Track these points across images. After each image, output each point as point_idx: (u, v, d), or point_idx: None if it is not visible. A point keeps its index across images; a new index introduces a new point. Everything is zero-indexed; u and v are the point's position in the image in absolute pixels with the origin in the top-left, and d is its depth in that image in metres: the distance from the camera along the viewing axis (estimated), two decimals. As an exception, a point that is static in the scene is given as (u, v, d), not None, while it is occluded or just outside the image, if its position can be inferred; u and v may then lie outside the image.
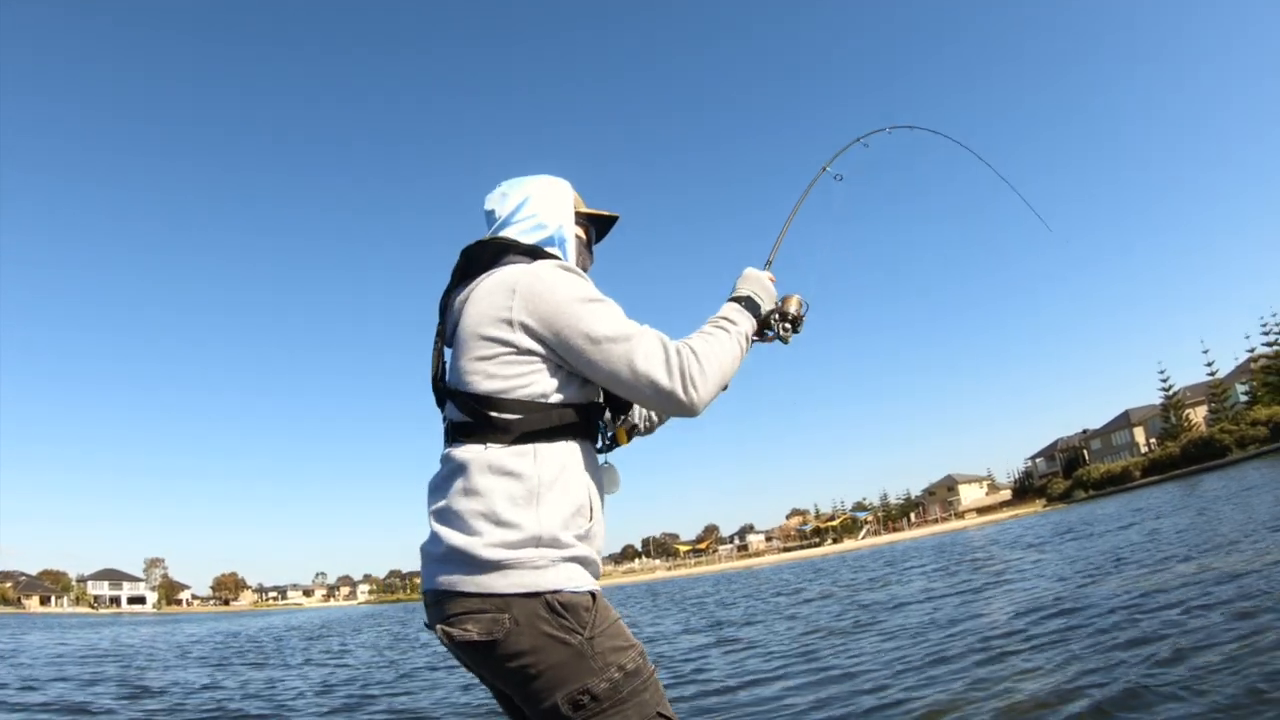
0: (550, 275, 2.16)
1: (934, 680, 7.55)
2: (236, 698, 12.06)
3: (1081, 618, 9.47)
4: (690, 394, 2.08)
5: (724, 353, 2.18)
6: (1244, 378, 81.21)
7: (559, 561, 2.01)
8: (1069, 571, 15.34)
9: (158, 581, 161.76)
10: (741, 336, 2.29)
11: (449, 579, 2.03)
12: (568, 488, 2.09)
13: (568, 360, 2.14)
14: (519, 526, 1.99)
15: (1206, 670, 6.15)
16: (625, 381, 2.10)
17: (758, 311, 2.41)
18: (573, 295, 2.13)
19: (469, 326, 2.18)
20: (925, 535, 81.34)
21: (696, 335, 2.22)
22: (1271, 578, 9.29)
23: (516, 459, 2.06)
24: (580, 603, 2.01)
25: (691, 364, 2.09)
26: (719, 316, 2.34)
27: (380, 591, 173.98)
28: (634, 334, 2.11)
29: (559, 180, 2.54)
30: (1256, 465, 46.64)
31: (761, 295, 2.45)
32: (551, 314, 2.10)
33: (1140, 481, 73.86)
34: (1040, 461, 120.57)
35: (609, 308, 2.16)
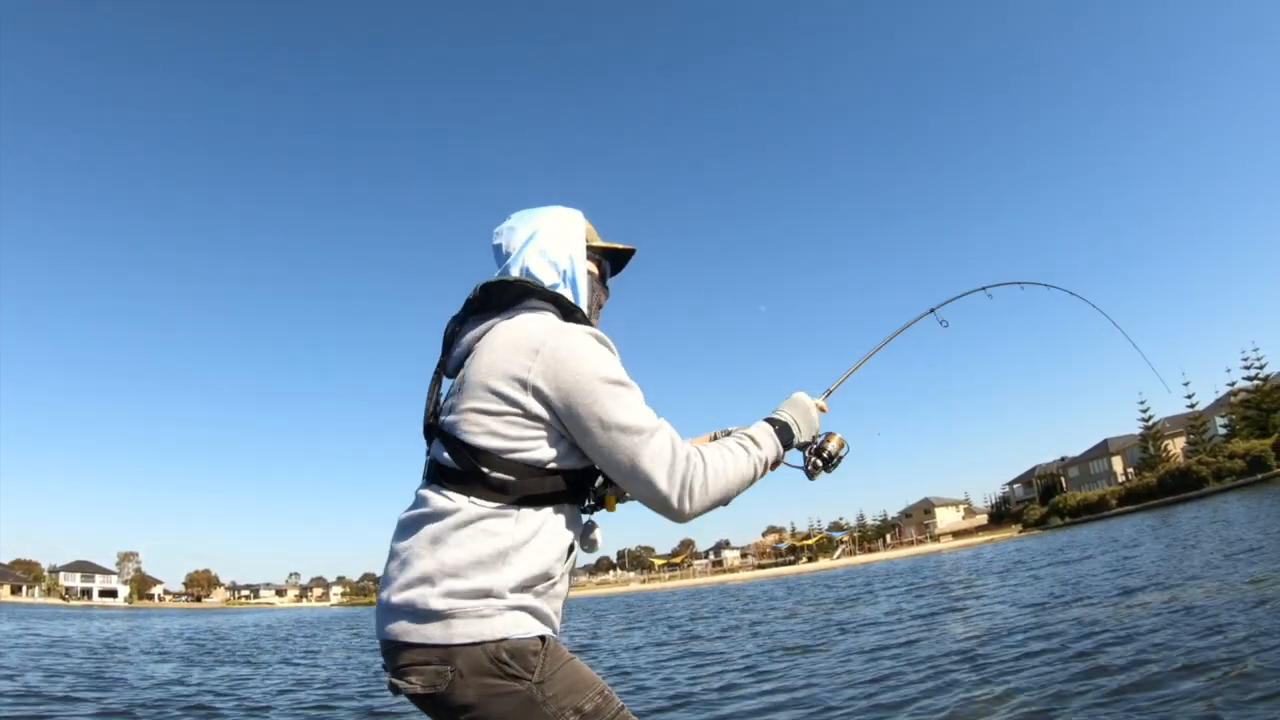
0: (578, 345, 2.07)
1: (877, 702, 7.86)
2: (208, 696, 12.17)
3: (1029, 645, 9.82)
4: (684, 505, 2.02)
5: (735, 473, 2.11)
6: (1223, 410, 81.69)
7: (505, 609, 1.95)
8: (1029, 599, 15.67)
9: (130, 575, 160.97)
10: (760, 462, 2.20)
11: (397, 628, 1.98)
12: (539, 553, 2.03)
13: (571, 434, 2.06)
14: (473, 580, 1.94)
15: (1132, 698, 6.52)
16: (623, 474, 2.04)
17: (789, 440, 2.34)
18: (597, 373, 2.04)
19: (479, 373, 2.08)
20: (900, 557, 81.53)
21: (715, 446, 2.15)
22: (1216, 613, 9.59)
23: (497, 520, 2.00)
24: (528, 647, 1.96)
25: (696, 475, 2.03)
26: (747, 434, 2.25)
27: (353, 594, 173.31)
28: (646, 429, 2.03)
29: (571, 212, 2.43)
30: (1233, 498, 46.93)
31: (801, 425, 2.37)
32: (570, 387, 2.02)
33: (1116, 510, 74.02)
34: (1017, 487, 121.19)
35: (630, 394, 2.07)
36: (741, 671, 11.13)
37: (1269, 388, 75.01)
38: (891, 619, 16.10)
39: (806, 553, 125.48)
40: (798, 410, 2.38)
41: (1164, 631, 9.03)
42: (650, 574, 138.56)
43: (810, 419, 2.40)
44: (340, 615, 70.40)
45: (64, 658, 18.54)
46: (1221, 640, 7.95)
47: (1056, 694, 7.05)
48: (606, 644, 18.75)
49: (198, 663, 18.03)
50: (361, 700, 11.08)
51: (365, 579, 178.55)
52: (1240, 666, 6.82)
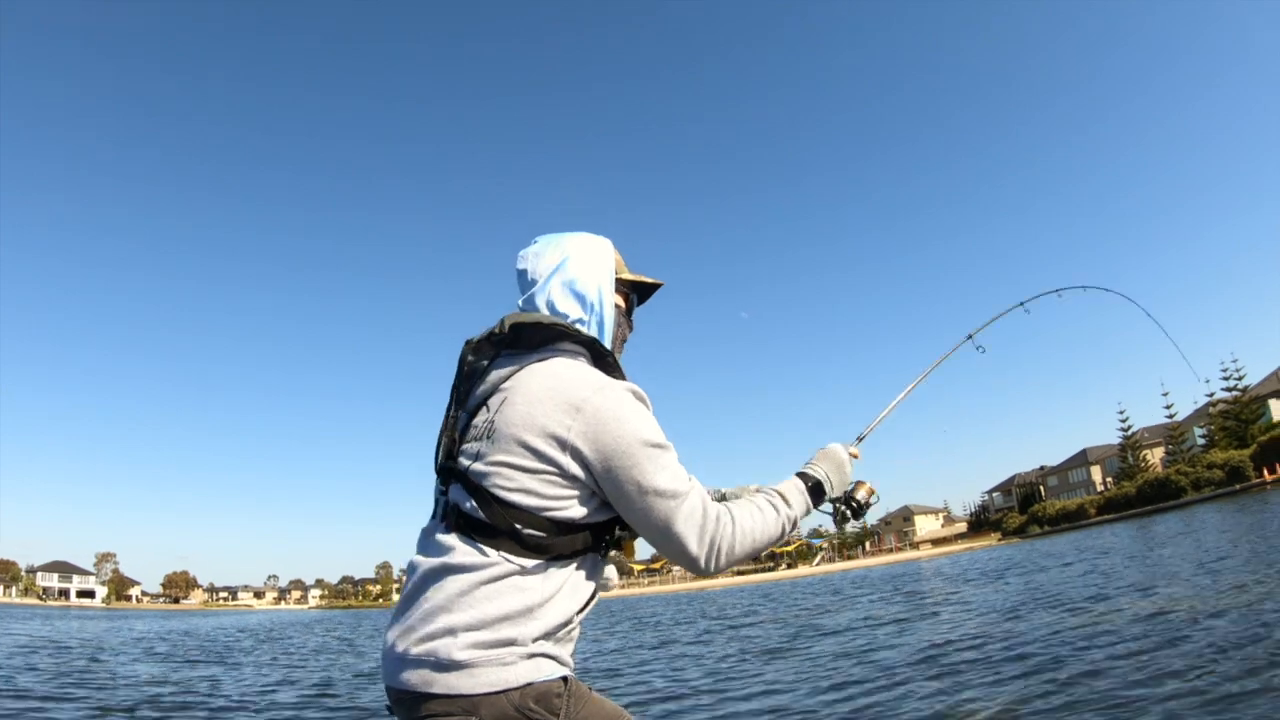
0: (620, 406, 1.99)
1: (830, 705, 8.22)
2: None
3: (987, 651, 10.13)
4: (710, 565, 2.00)
5: (762, 533, 2.07)
6: (1202, 421, 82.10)
7: (527, 656, 1.89)
8: (999, 606, 15.97)
9: (108, 576, 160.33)
10: (789, 520, 2.15)
11: (417, 677, 1.89)
12: (564, 604, 1.98)
13: (606, 494, 2.00)
14: (498, 632, 1.88)
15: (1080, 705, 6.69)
16: (656, 535, 2.01)
17: (821, 496, 2.29)
18: (638, 435, 1.97)
19: (512, 424, 1.99)
20: (879, 564, 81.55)
21: (746, 505, 2.10)
22: (1177, 623, 9.79)
23: (530, 577, 1.94)
24: (551, 690, 1.90)
25: (725, 536, 2.00)
26: (778, 491, 2.20)
27: (331, 597, 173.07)
28: (682, 493, 1.97)
29: (600, 241, 2.32)
30: (1211, 508, 47.10)
31: (834, 480, 2.32)
32: (611, 451, 1.95)
33: (1095, 519, 74.26)
34: (997, 496, 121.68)
35: (666, 456, 2.01)
36: (706, 678, 11.33)
37: (1247, 398, 75.73)
38: (851, 626, 16.39)
39: (786, 559, 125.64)
40: (831, 464, 2.33)
41: (1122, 642, 9.19)
42: (629, 579, 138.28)
43: (844, 473, 2.35)
44: (319, 618, 70.92)
45: (50, 658, 18.65)
46: (1176, 651, 8.16)
47: (1006, 700, 7.28)
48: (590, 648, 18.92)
49: (188, 664, 18.19)
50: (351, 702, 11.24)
51: (344, 582, 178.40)
52: (1194, 676, 7.03)
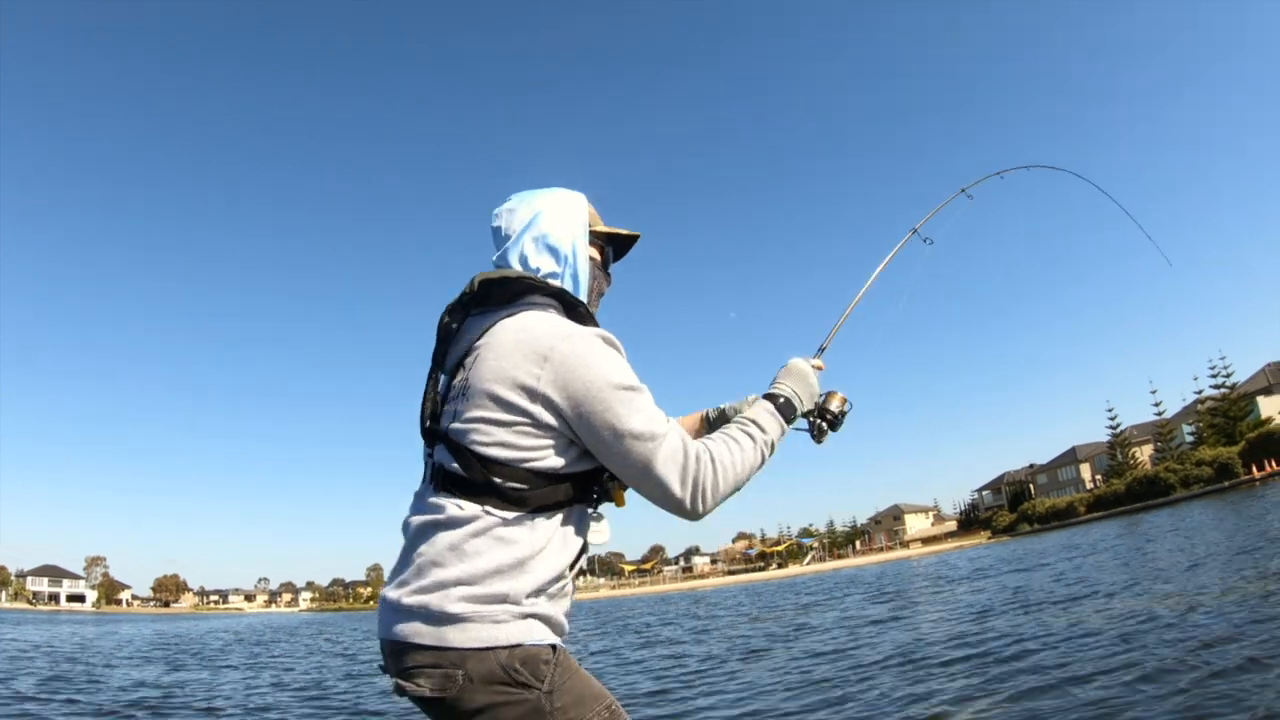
0: (588, 351, 1.98)
1: (803, 702, 8.42)
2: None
3: (960, 651, 10.26)
4: (698, 505, 1.97)
5: (744, 464, 2.04)
6: (1191, 419, 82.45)
7: (520, 617, 1.90)
8: (979, 605, 16.20)
9: (98, 580, 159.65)
10: (767, 445, 2.13)
11: (408, 629, 1.91)
12: (555, 557, 1.98)
13: (583, 441, 1.99)
14: (491, 587, 1.89)
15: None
16: (636, 479, 1.99)
17: (792, 414, 2.24)
18: (608, 379, 1.95)
19: (484, 379, 1.99)
20: (869, 563, 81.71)
21: (720, 439, 2.06)
22: (1159, 620, 9.84)
23: (514, 528, 1.94)
24: (539, 656, 1.91)
25: (707, 474, 1.97)
26: (749, 419, 2.15)
27: (322, 599, 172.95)
28: (659, 434, 1.95)
29: (574, 195, 2.32)
30: (1200, 505, 47.31)
31: (802, 394, 2.28)
32: (581, 395, 1.94)
33: (1084, 517, 74.64)
34: (986, 494, 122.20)
35: (641, 399, 1.98)
36: (682, 679, 11.48)
37: (1236, 396, 76.05)
38: (839, 625, 16.56)
39: (776, 559, 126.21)
40: (796, 379, 2.29)
41: (1096, 638, 9.34)
42: (620, 580, 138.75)
43: (810, 385, 2.31)
44: (310, 620, 70.89)
45: (65, 665, 18.71)
46: (1137, 646, 8.43)
47: (970, 697, 7.50)
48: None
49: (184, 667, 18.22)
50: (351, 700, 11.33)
51: (334, 584, 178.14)
52: (1159, 670, 7.20)
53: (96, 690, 13.62)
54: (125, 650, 25.10)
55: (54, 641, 29.68)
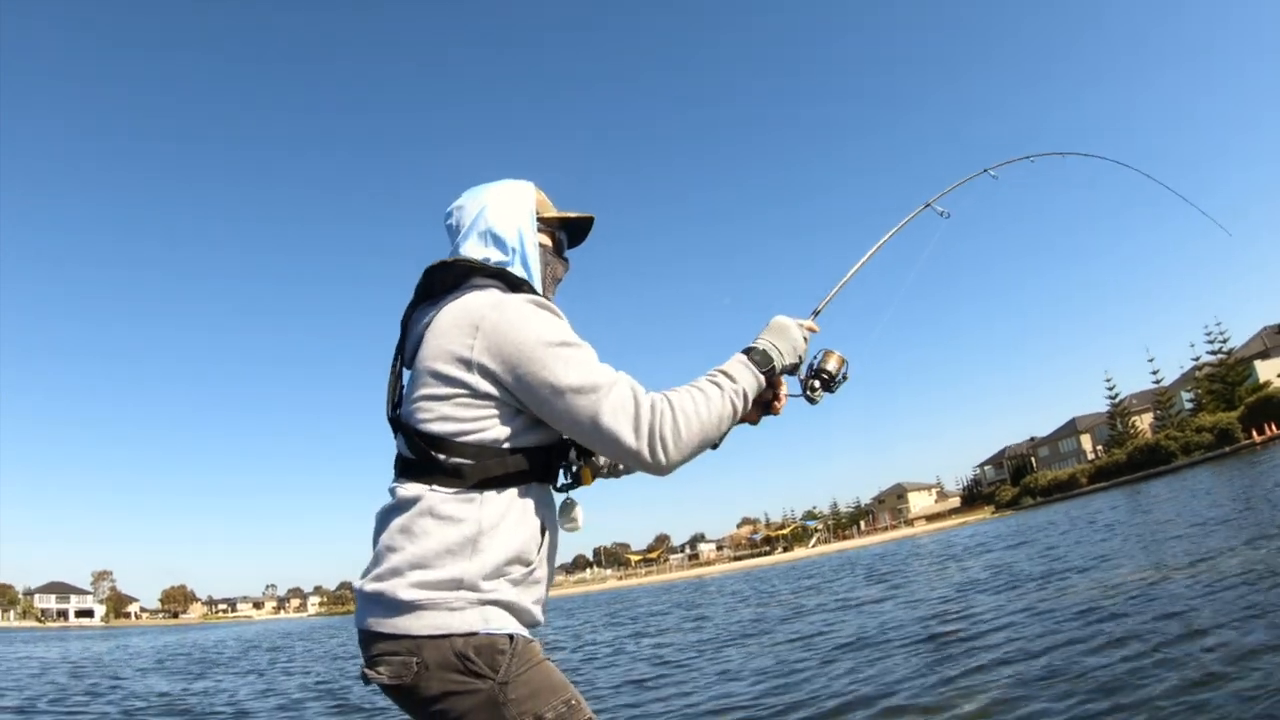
0: (517, 314, 1.99)
1: (773, 684, 8.81)
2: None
3: (935, 628, 10.74)
4: (658, 456, 1.91)
5: (709, 412, 1.97)
6: (1189, 385, 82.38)
7: (476, 604, 1.89)
8: (966, 582, 16.76)
9: (106, 594, 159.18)
10: (737, 395, 2.05)
11: (371, 619, 1.94)
12: (509, 536, 1.96)
13: (528, 406, 1.98)
14: (444, 570, 1.88)
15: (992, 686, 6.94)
16: (588, 436, 1.95)
17: (768, 366, 2.15)
18: (540, 338, 1.95)
19: (426, 359, 2.02)
20: (874, 543, 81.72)
21: (684, 388, 2.02)
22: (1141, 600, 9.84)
23: (461, 505, 1.93)
24: (495, 645, 1.89)
25: (664, 423, 1.92)
26: (719, 369, 2.11)
27: (330, 603, 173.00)
28: (602, 385, 1.93)
29: (519, 184, 2.34)
30: (1201, 471, 47.39)
31: (781, 348, 2.20)
32: (514, 358, 1.93)
33: (1087, 488, 74.34)
34: (989, 469, 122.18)
35: (579, 353, 1.97)
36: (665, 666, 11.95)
37: (1233, 361, 75.92)
38: (824, 610, 16.92)
39: (782, 543, 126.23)
40: (775, 334, 2.23)
41: (1076, 618, 9.33)
42: (627, 570, 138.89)
43: (792, 340, 2.23)
44: (319, 625, 70.99)
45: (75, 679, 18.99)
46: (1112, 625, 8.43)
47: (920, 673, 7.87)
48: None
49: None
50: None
51: (342, 588, 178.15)
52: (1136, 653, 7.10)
53: (128, 698, 14.10)
54: (142, 661, 25.38)
55: (71, 656, 29.92)
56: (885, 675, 8.11)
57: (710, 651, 12.93)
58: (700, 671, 10.79)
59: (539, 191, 2.36)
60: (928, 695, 7.02)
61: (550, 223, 2.38)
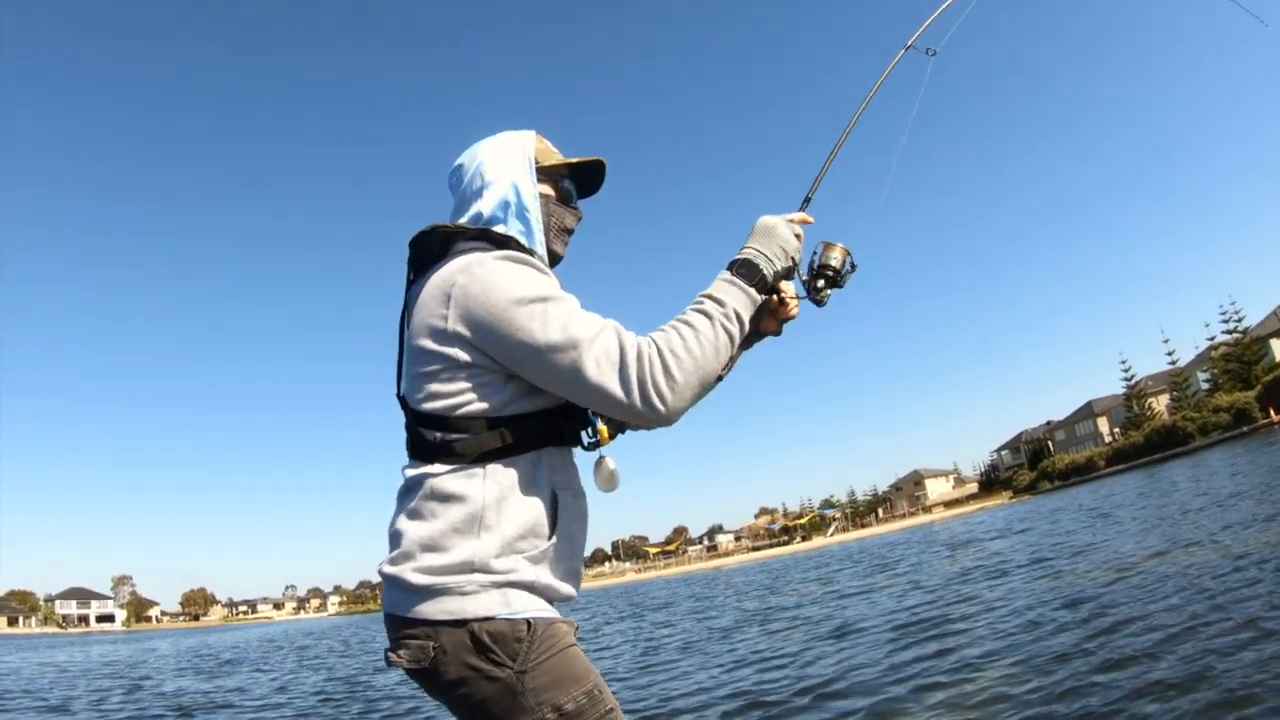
0: (488, 275, 1.87)
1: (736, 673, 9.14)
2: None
3: (909, 616, 11.14)
4: (654, 405, 1.77)
5: (701, 348, 1.82)
6: (1205, 366, 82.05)
7: (491, 587, 1.82)
8: (956, 572, 16.99)
9: (126, 599, 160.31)
10: (730, 319, 1.88)
11: (391, 603, 1.90)
12: (517, 509, 1.88)
13: (512, 370, 1.88)
14: (452, 551, 1.82)
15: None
16: (576, 395, 1.84)
17: (758, 276, 1.96)
18: (511, 296, 1.83)
19: (412, 335, 1.96)
20: (892, 531, 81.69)
21: (669, 326, 1.86)
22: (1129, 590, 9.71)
23: (462, 482, 1.86)
24: (511, 633, 1.81)
25: (654, 370, 1.77)
26: (704, 294, 1.93)
27: (350, 602, 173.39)
28: (582, 339, 1.79)
29: (514, 136, 2.21)
30: (1219, 451, 47.29)
31: (769, 252, 1.99)
32: (488, 322, 1.83)
33: (1105, 471, 74.15)
34: (1005, 454, 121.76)
35: (555, 307, 1.84)
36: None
37: (1249, 340, 75.56)
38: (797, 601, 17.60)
39: (800, 532, 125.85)
40: (761, 238, 2.02)
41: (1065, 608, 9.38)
42: (645, 563, 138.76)
43: (780, 239, 2.02)
44: (340, 624, 71.16)
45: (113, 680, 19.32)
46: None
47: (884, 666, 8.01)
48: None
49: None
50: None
51: (361, 587, 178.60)
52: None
53: (164, 698, 14.48)
54: (175, 661, 25.92)
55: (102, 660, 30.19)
56: (853, 662, 8.43)
57: (712, 642, 13.13)
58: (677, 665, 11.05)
59: (541, 140, 2.24)
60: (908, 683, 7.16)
61: (552, 171, 2.23)
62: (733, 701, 7.70)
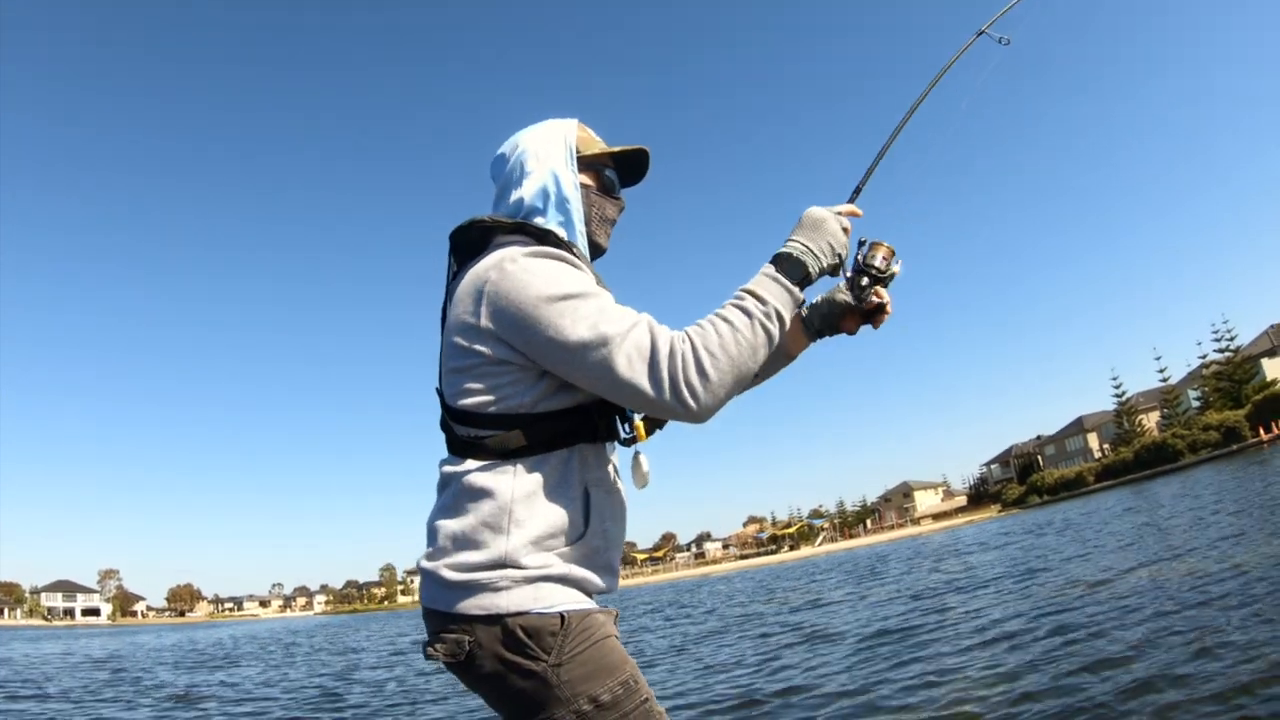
0: (517, 272, 1.84)
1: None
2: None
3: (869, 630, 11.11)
4: (688, 404, 1.73)
5: (738, 346, 1.77)
6: (1196, 384, 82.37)
7: (524, 582, 1.81)
8: (931, 584, 17.09)
9: (112, 593, 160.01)
10: (770, 317, 1.81)
11: (429, 597, 1.90)
12: (548, 505, 1.86)
13: (546, 367, 1.85)
14: (484, 547, 1.82)
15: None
16: (608, 392, 1.80)
17: (802, 273, 1.89)
18: (541, 294, 1.80)
19: (448, 331, 1.95)
20: (880, 542, 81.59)
21: (706, 321, 1.81)
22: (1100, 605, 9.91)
23: (493, 478, 1.85)
24: (545, 627, 1.80)
25: (687, 367, 1.73)
26: (745, 289, 1.86)
27: (336, 602, 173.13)
28: (612, 336, 1.76)
29: (556, 124, 2.16)
30: (1208, 469, 47.39)
31: (815, 247, 1.92)
32: (519, 320, 1.81)
33: (1094, 486, 74.42)
34: (995, 467, 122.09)
35: (585, 304, 1.80)
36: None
37: (1240, 359, 75.84)
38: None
39: (788, 541, 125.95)
40: (808, 232, 1.95)
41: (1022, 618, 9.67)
42: (633, 569, 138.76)
43: (829, 234, 1.94)
44: (326, 623, 70.89)
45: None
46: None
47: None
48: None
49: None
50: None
51: (348, 586, 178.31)
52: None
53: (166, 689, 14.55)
54: (173, 656, 26.07)
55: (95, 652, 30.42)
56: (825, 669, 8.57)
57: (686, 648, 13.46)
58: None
59: (583, 129, 2.19)
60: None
61: (594, 160, 2.17)
62: (688, 712, 7.81)
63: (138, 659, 24.87)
